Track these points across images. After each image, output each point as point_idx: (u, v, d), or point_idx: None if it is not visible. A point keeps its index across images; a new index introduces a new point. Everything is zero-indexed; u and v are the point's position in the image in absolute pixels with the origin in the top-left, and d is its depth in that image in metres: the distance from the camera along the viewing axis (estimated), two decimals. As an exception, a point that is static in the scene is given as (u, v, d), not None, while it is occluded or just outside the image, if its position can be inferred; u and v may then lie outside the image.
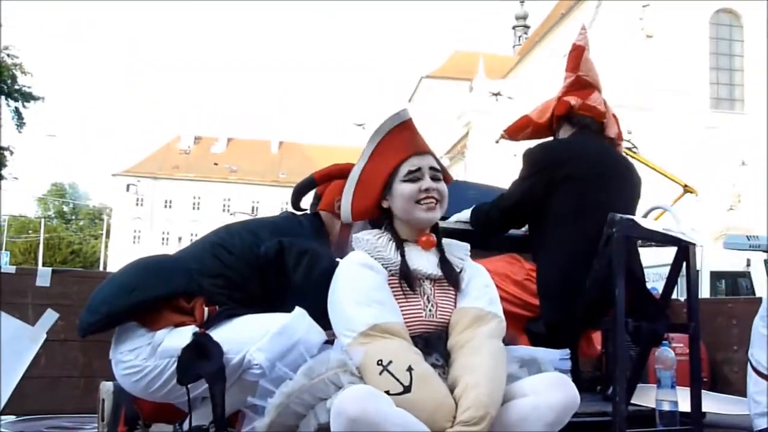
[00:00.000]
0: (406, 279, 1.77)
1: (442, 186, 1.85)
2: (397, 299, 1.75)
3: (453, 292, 1.83)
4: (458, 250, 1.90)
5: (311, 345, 1.80)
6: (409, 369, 1.56)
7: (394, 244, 1.82)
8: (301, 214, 2.29)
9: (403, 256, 1.79)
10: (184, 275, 1.97)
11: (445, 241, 1.90)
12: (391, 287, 1.76)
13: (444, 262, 1.83)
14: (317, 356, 1.67)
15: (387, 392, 1.52)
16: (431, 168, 1.84)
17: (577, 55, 2.77)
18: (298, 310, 1.88)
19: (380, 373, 1.56)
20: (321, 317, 1.84)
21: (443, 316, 1.79)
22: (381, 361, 1.57)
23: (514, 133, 2.94)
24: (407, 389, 1.54)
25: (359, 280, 1.73)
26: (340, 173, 2.22)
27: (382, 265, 1.78)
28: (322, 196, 2.30)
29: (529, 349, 1.90)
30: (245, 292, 2.00)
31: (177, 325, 1.88)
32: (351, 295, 1.71)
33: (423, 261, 1.81)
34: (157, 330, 1.88)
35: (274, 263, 2.00)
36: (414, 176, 1.81)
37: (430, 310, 1.77)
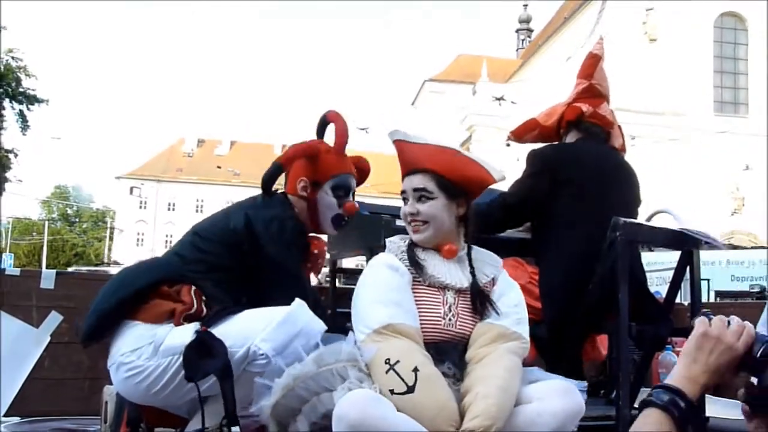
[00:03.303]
0: (413, 264, 1.77)
1: (426, 207, 1.81)
2: (418, 305, 1.74)
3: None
4: (488, 265, 1.87)
5: (313, 334, 1.85)
6: (415, 370, 1.58)
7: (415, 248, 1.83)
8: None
9: (410, 247, 1.81)
10: (165, 266, 2.04)
11: (476, 253, 1.87)
12: (414, 293, 1.76)
13: (475, 288, 1.80)
14: (330, 345, 1.68)
15: (391, 391, 1.54)
16: (414, 189, 1.82)
17: (593, 63, 2.79)
18: (298, 301, 1.91)
19: (386, 372, 1.58)
20: (297, 281, 2.00)
21: (463, 327, 1.77)
22: (389, 360, 1.59)
23: (520, 134, 2.95)
24: (411, 389, 1.55)
25: (381, 280, 1.75)
26: (301, 153, 2.23)
27: (408, 268, 1.78)
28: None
29: (545, 374, 1.85)
30: (226, 272, 2.04)
31: (170, 314, 1.90)
32: (371, 294, 1.73)
33: (443, 270, 1.80)
34: (151, 320, 1.90)
35: (246, 235, 2.03)
36: (404, 197, 1.86)
37: (450, 320, 1.76)
